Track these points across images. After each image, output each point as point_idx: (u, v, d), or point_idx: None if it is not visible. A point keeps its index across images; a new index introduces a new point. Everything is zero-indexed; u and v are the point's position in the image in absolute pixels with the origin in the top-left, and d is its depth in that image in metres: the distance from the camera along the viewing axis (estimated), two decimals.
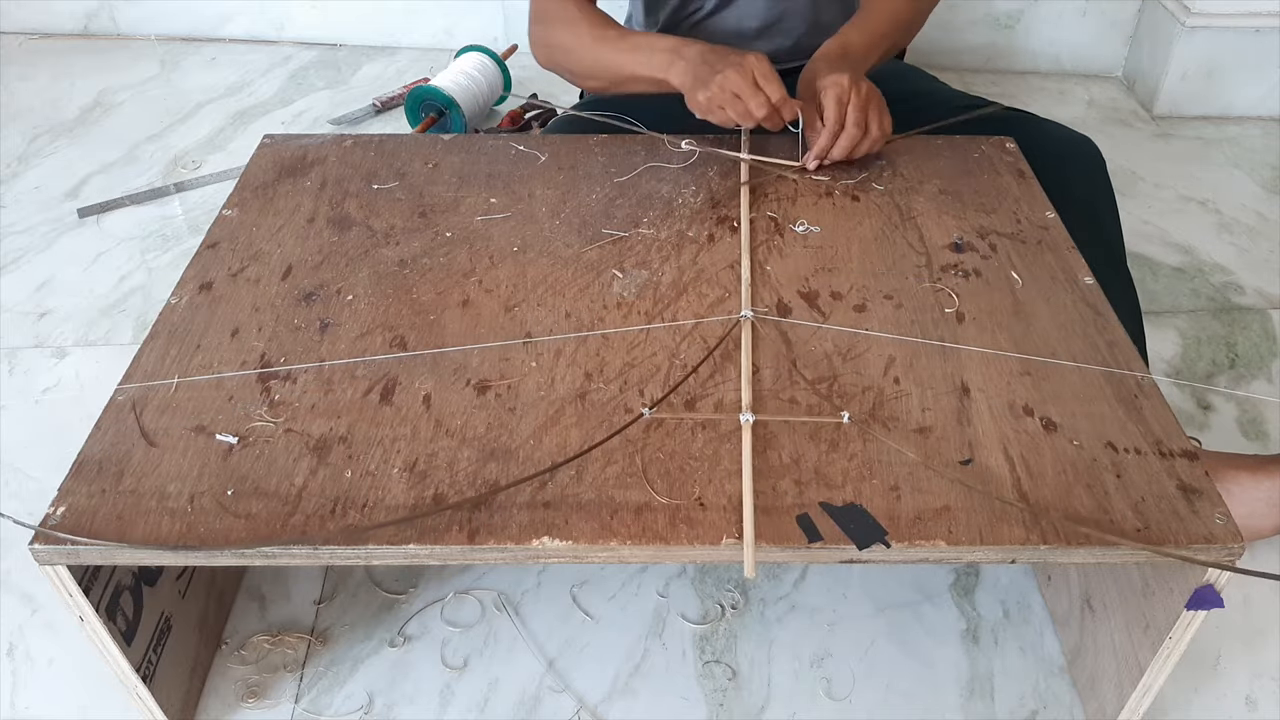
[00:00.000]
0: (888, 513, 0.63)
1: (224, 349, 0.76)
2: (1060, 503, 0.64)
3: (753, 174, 0.96)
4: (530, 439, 0.69)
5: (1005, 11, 1.84)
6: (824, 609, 0.91)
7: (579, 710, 0.83)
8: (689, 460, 0.67)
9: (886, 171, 0.96)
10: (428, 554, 0.62)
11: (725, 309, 0.80)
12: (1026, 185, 0.95)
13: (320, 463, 0.67)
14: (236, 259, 0.85)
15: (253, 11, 1.92)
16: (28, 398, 1.13)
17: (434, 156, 0.99)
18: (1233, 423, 1.12)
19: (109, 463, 0.67)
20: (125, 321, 1.25)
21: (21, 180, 1.53)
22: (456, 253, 0.86)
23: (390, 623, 0.89)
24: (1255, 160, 1.63)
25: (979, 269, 0.84)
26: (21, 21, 1.95)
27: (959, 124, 1.03)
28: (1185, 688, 0.85)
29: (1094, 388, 0.73)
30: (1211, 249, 1.41)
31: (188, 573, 0.83)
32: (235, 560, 0.62)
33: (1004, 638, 0.89)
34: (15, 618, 0.90)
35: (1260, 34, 1.67)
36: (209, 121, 1.69)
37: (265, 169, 0.97)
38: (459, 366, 0.74)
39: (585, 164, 0.98)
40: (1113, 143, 1.67)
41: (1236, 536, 0.62)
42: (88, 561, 0.64)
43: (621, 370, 0.74)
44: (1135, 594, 0.74)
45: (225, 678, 0.85)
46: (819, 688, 0.85)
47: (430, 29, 1.92)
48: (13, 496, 1.01)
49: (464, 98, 1.60)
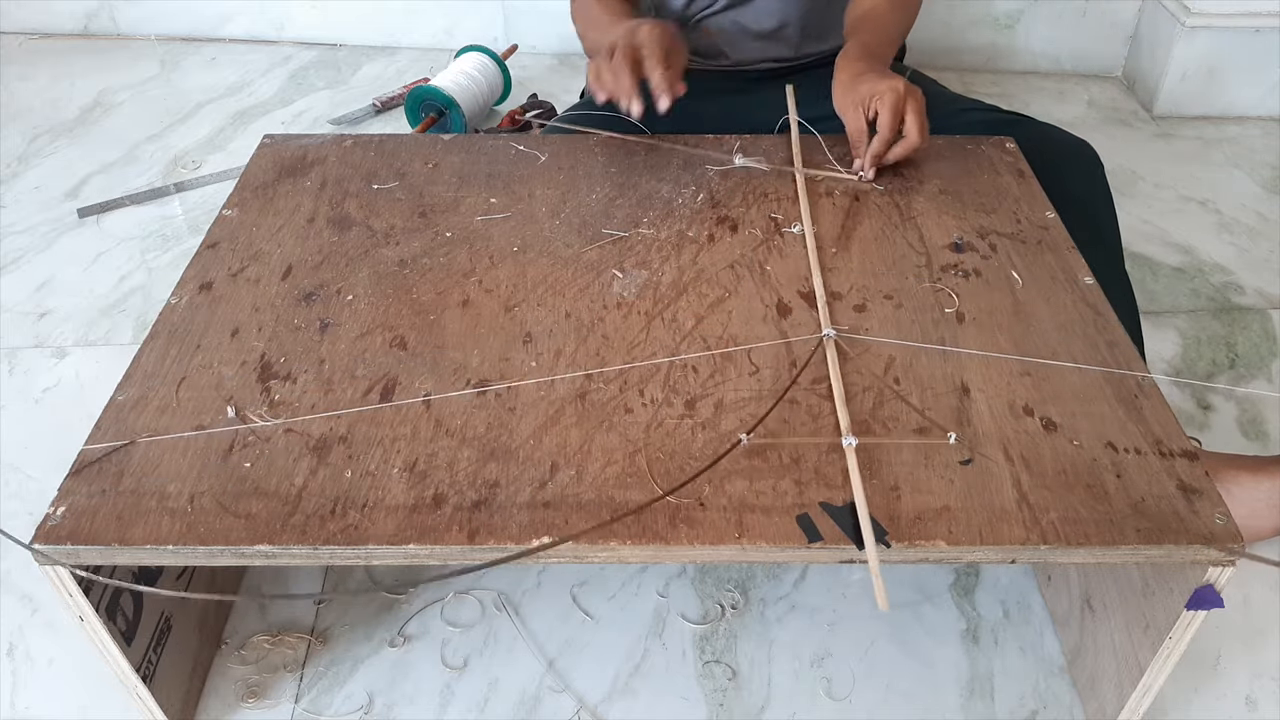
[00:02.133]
0: (888, 513, 0.63)
1: (224, 349, 0.76)
2: (1060, 503, 0.64)
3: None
4: (530, 439, 0.69)
5: (1005, 11, 1.84)
6: (824, 609, 0.91)
7: (579, 710, 0.83)
8: (689, 460, 0.67)
9: (886, 172, 0.96)
10: (428, 554, 0.62)
11: (725, 309, 0.79)
12: (1026, 185, 0.95)
13: (320, 463, 0.67)
14: (236, 259, 0.85)
15: (253, 11, 1.92)
16: (28, 398, 1.13)
17: (434, 156, 0.99)
18: (1233, 423, 1.12)
19: (109, 463, 0.67)
20: (125, 321, 1.25)
21: (21, 180, 1.53)
22: (456, 253, 0.86)
23: (390, 623, 0.89)
24: (1255, 160, 1.63)
25: (979, 269, 0.84)
26: (21, 21, 1.95)
27: (959, 126, 1.03)
28: (1185, 688, 0.85)
29: (1094, 388, 0.73)
30: (1211, 249, 1.41)
31: (188, 573, 0.83)
32: (235, 560, 0.62)
33: (1004, 638, 0.89)
34: (15, 618, 0.90)
35: (1260, 34, 1.67)
36: (209, 121, 1.69)
37: (265, 169, 0.97)
38: (459, 366, 0.74)
39: (585, 164, 0.98)
40: (1113, 143, 1.67)
41: (1236, 537, 0.62)
42: (88, 561, 0.64)
43: (621, 370, 0.74)
44: (1135, 594, 0.74)
45: (225, 678, 0.85)
46: (819, 688, 0.85)
47: (430, 29, 1.92)
48: (13, 496, 1.01)
49: (464, 98, 1.60)
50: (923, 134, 0.92)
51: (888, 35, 1.04)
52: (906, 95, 0.91)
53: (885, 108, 0.91)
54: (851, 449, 0.67)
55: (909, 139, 0.92)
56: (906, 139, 0.92)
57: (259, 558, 0.62)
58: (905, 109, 0.91)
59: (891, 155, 0.94)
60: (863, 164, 0.94)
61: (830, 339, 0.76)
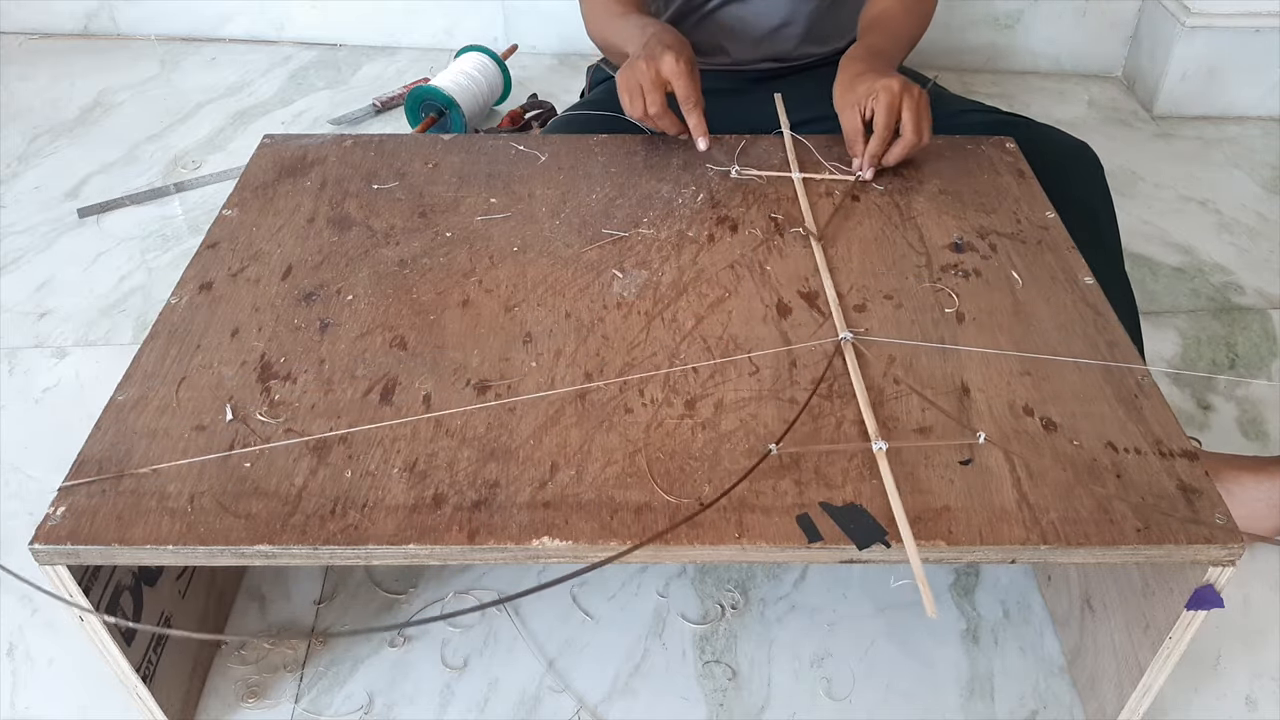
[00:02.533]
0: (888, 513, 0.63)
1: (224, 349, 0.76)
2: (1060, 503, 0.64)
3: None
4: (530, 439, 0.69)
5: (1005, 11, 1.84)
6: (824, 609, 0.91)
7: (579, 710, 0.83)
8: (689, 460, 0.67)
9: (887, 172, 0.96)
10: (428, 554, 0.62)
11: (725, 309, 0.79)
12: (1026, 185, 0.95)
13: (320, 463, 0.67)
14: (236, 259, 0.85)
15: (253, 11, 1.92)
16: (28, 398, 1.13)
17: (434, 156, 0.99)
18: (1233, 423, 1.12)
19: (109, 463, 0.67)
20: (125, 321, 1.25)
21: (21, 180, 1.53)
22: (456, 253, 0.86)
23: (390, 623, 0.89)
24: (1255, 160, 1.63)
25: (979, 269, 0.84)
26: (21, 21, 1.95)
27: (959, 127, 1.03)
28: (1185, 688, 0.85)
29: (1094, 388, 0.73)
30: (1211, 249, 1.41)
31: (188, 573, 0.83)
32: (235, 560, 0.62)
33: (1004, 638, 0.89)
34: (15, 618, 0.90)
35: (1260, 34, 1.67)
36: (209, 121, 1.69)
37: (265, 169, 0.97)
38: (459, 366, 0.74)
39: (585, 164, 0.98)
40: (1113, 143, 1.67)
41: (1236, 537, 0.62)
42: (88, 561, 0.64)
43: (622, 370, 0.74)
44: (1135, 594, 0.74)
45: (225, 678, 0.85)
46: (819, 688, 0.85)
47: (430, 29, 1.92)
48: (13, 496, 1.01)
49: (464, 98, 1.60)
50: (919, 132, 0.91)
51: (897, 39, 1.04)
52: (903, 93, 0.90)
53: (880, 106, 0.90)
54: (882, 454, 0.66)
55: (905, 138, 0.91)
56: (903, 138, 0.91)
57: (259, 558, 0.62)
58: (901, 106, 0.90)
59: (890, 156, 0.93)
60: (861, 164, 0.94)
61: (848, 342, 0.75)
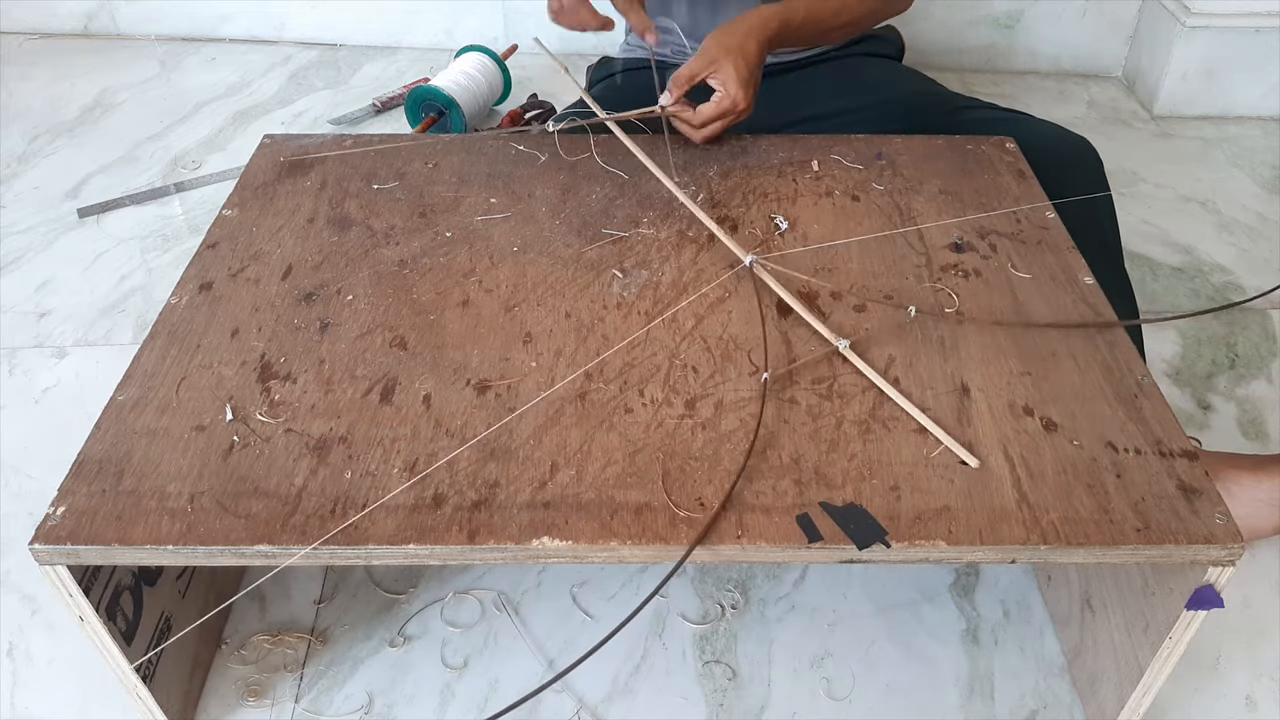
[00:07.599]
0: (888, 513, 0.63)
1: (224, 349, 0.76)
2: (1060, 503, 0.64)
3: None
4: (530, 439, 0.69)
5: (1005, 11, 1.84)
6: (824, 609, 0.91)
7: (579, 710, 0.83)
8: (689, 460, 0.67)
9: (886, 171, 0.96)
10: (428, 554, 0.62)
11: (726, 309, 0.80)
12: (1026, 185, 0.95)
13: (320, 463, 0.67)
14: (236, 259, 0.85)
15: (252, 11, 1.92)
16: (28, 398, 1.13)
17: (434, 156, 0.99)
18: (1233, 423, 1.12)
19: (109, 463, 0.67)
20: (125, 321, 1.25)
21: (21, 180, 1.53)
22: (456, 253, 0.86)
23: (390, 623, 0.89)
24: (1255, 160, 1.63)
25: (979, 269, 0.84)
26: (21, 21, 1.95)
27: (958, 124, 1.03)
28: (1185, 688, 0.85)
29: (1094, 387, 0.73)
30: (1211, 249, 1.41)
31: (188, 573, 0.83)
32: (235, 560, 0.62)
33: (1004, 638, 0.89)
34: (15, 618, 0.90)
35: (1260, 34, 1.67)
36: (209, 121, 1.69)
37: (265, 169, 0.97)
38: (459, 366, 0.74)
39: (585, 164, 0.98)
40: (1113, 143, 1.67)
41: (1236, 536, 0.62)
42: (88, 561, 0.64)
43: (621, 370, 0.74)
44: (1135, 594, 0.74)
45: (225, 678, 0.85)
46: (819, 688, 0.85)
47: (430, 29, 1.92)
48: (13, 497, 1.01)
49: (464, 98, 1.60)
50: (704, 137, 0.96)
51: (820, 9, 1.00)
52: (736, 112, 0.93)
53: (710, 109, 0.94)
54: (848, 348, 0.74)
55: (704, 134, 0.96)
56: (702, 134, 0.96)
57: (259, 558, 0.62)
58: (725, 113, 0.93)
59: (694, 138, 0.97)
60: (670, 97, 0.95)
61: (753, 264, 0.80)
